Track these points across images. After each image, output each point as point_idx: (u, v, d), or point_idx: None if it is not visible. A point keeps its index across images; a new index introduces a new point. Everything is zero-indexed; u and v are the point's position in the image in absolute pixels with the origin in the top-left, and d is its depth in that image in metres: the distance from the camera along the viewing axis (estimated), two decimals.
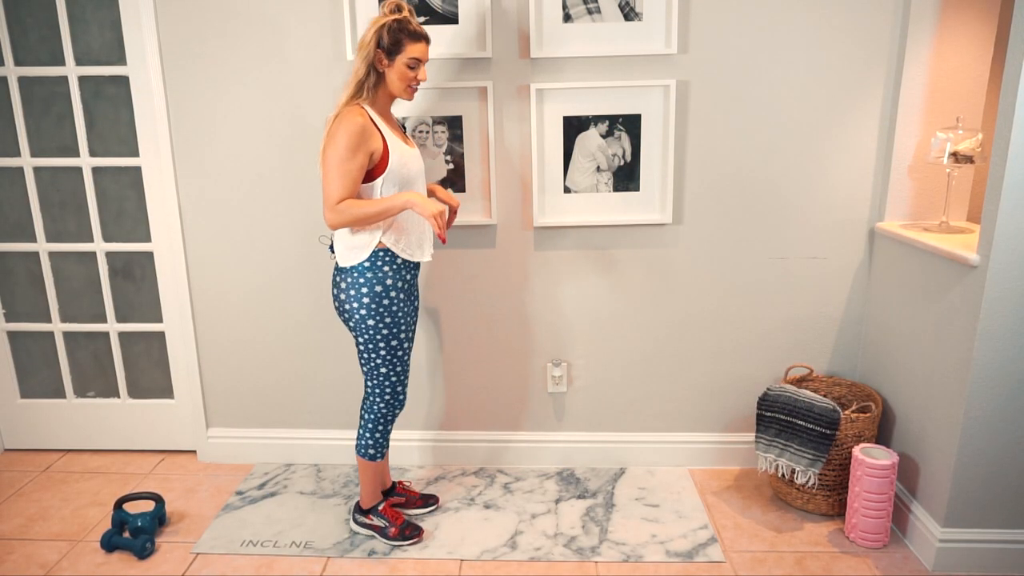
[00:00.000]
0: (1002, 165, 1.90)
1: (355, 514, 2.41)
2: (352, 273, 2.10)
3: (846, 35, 2.40)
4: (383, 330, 2.14)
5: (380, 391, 2.24)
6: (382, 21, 2.00)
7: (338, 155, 1.96)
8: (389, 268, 2.11)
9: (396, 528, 2.34)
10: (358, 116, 1.98)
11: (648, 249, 2.61)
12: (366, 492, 2.36)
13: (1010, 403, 2.04)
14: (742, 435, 2.76)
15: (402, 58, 2.02)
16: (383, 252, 2.10)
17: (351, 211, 1.99)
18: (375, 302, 2.11)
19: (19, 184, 2.76)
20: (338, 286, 2.15)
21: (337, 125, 1.98)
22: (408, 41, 2.01)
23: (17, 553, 2.35)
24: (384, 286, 2.11)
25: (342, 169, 1.97)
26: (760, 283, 2.62)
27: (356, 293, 2.11)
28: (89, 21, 2.59)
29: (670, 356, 2.71)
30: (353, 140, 1.96)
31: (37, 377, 2.96)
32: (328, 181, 1.98)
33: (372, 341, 2.15)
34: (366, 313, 2.12)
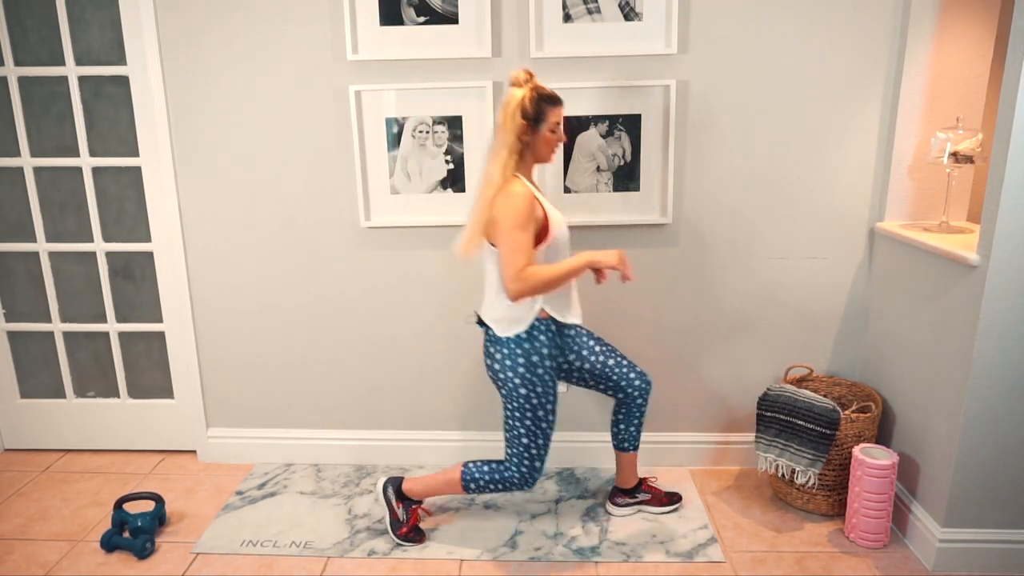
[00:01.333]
0: (1002, 165, 1.90)
1: (388, 486, 2.36)
2: (509, 344, 2.14)
3: (846, 35, 2.40)
4: (533, 399, 2.16)
5: (518, 461, 2.23)
6: (520, 93, 2.04)
7: (514, 230, 1.99)
8: (545, 337, 2.15)
9: (407, 527, 2.33)
10: (524, 190, 2.02)
11: (648, 249, 2.61)
12: (424, 490, 2.33)
13: (1010, 403, 2.04)
14: (742, 435, 2.76)
15: (546, 125, 2.07)
16: (539, 321, 2.13)
17: (536, 278, 2.00)
18: (530, 371, 2.14)
19: (19, 184, 2.76)
20: (492, 356, 2.18)
21: (507, 202, 2.00)
22: (549, 108, 2.06)
23: (17, 553, 2.35)
24: (540, 355, 2.15)
25: (519, 242, 2.00)
26: (760, 283, 2.63)
27: (512, 364, 2.14)
28: (89, 21, 2.59)
29: (670, 356, 2.71)
30: (524, 215, 2.00)
31: (37, 377, 2.96)
32: (509, 254, 2.00)
33: (520, 410, 2.18)
34: (519, 382, 2.15)
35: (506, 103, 2.05)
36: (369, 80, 2.50)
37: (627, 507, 2.48)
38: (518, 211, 1.99)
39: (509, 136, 2.04)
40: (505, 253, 2.00)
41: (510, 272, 1.99)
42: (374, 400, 2.82)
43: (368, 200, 2.60)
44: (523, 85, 2.06)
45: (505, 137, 2.04)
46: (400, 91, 2.50)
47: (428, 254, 2.65)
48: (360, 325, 2.74)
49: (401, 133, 2.54)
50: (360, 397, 2.82)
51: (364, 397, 2.82)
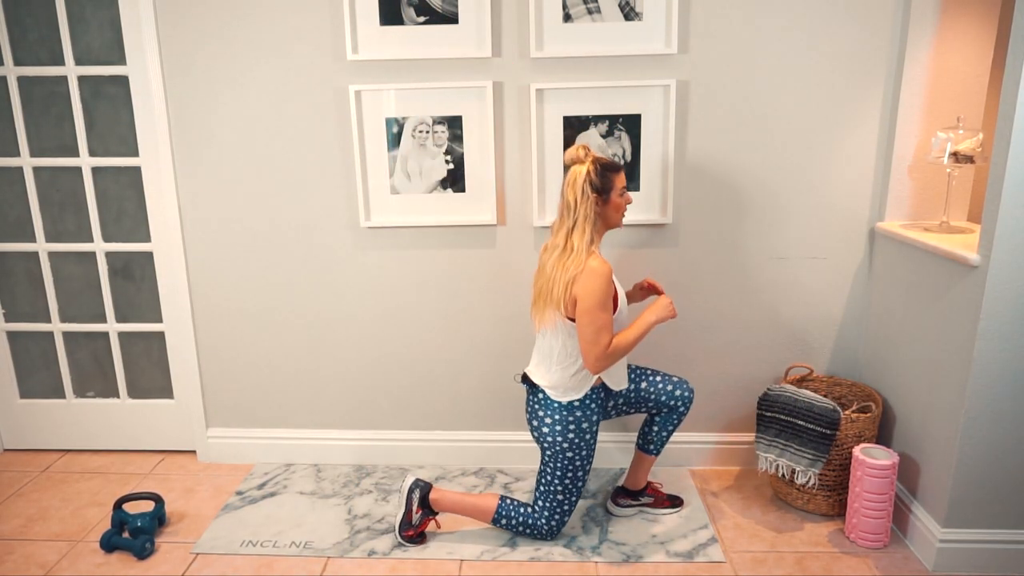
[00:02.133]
0: (1002, 165, 1.90)
1: (416, 488, 2.33)
2: (561, 410, 2.19)
3: (847, 35, 2.40)
4: (576, 461, 2.22)
5: (549, 515, 2.29)
6: (584, 168, 2.09)
7: (598, 310, 2.06)
8: (596, 404, 2.22)
9: (415, 532, 2.33)
10: (606, 269, 2.07)
11: (648, 249, 2.61)
12: (451, 505, 2.34)
13: (1010, 403, 2.04)
14: (742, 435, 2.76)
15: (614, 193, 2.13)
16: (592, 389, 2.20)
17: (618, 352, 2.11)
18: (579, 437, 2.20)
19: (19, 184, 2.76)
20: (540, 419, 2.22)
21: (591, 282, 2.05)
22: (613, 175, 2.12)
23: (17, 553, 2.35)
24: (590, 421, 2.21)
25: (604, 321, 2.07)
26: (760, 283, 2.62)
27: (563, 429, 2.19)
28: (89, 21, 2.59)
29: (670, 356, 2.71)
30: (607, 295, 2.07)
31: (37, 377, 2.96)
32: (595, 334, 2.07)
33: (562, 470, 2.23)
34: (568, 447, 2.20)
35: (572, 181, 2.10)
36: (369, 80, 2.50)
37: (629, 507, 2.48)
38: (602, 292, 2.05)
39: (582, 210, 2.09)
40: (591, 333, 2.07)
41: (597, 350, 2.08)
42: (374, 400, 2.82)
43: (368, 200, 2.60)
44: (584, 160, 2.11)
45: (579, 214, 2.09)
46: (400, 91, 2.50)
47: (428, 254, 2.65)
48: (360, 325, 2.74)
49: (401, 133, 2.54)
50: (360, 397, 2.82)
51: (364, 397, 2.82)
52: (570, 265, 2.08)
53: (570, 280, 2.08)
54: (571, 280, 2.07)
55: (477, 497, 2.35)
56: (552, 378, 2.20)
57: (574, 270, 2.07)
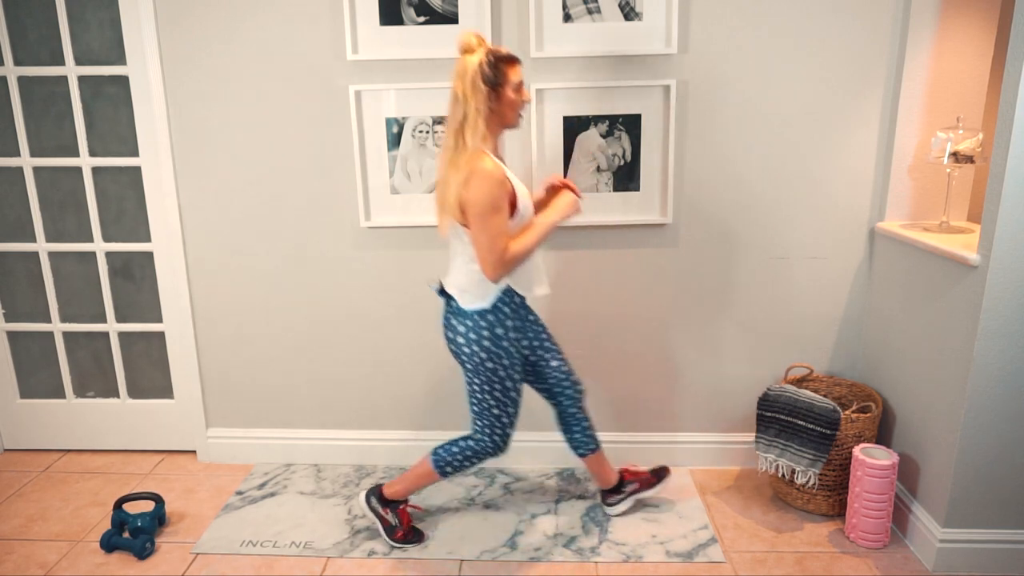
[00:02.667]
0: (1002, 165, 1.90)
1: (371, 496, 2.35)
2: (472, 316, 2.09)
3: (846, 35, 2.40)
4: (500, 372, 2.13)
5: (491, 431, 2.21)
6: (475, 58, 1.93)
7: (490, 212, 1.93)
8: (509, 308, 2.12)
9: (403, 531, 2.33)
10: (495, 169, 1.94)
11: (648, 249, 2.61)
12: (404, 488, 2.32)
13: (1010, 403, 2.04)
14: (742, 435, 2.76)
15: (508, 87, 1.98)
16: (504, 293, 2.10)
17: (516, 257, 1.99)
18: (495, 344, 2.10)
19: (19, 184, 2.76)
20: (454, 329, 2.13)
21: (479, 181, 1.92)
22: (508, 67, 1.97)
23: (17, 553, 2.35)
24: (505, 328, 2.11)
25: (497, 225, 1.95)
26: (760, 283, 2.62)
27: (477, 337, 2.09)
28: (89, 21, 2.59)
29: (670, 356, 2.71)
30: (499, 197, 1.94)
31: (37, 377, 2.96)
32: (489, 240, 1.95)
33: (488, 383, 2.15)
34: (485, 356, 2.11)
35: (461, 72, 1.94)
36: (369, 80, 2.50)
37: (621, 503, 2.48)
38: (492, 195, 1.92)
39: (481, 105, 1.93)
40: (485, 240, 1.95)
41: (492, 257, 1.95)
42: (374, 400, 2.82)
43: (368, 200, 2.60)
44: (475, 50, 1.95)
45: (469, 108, 1.93)
46: (400, 91, 2.50)
47: (428, 254, 2.65)
48: (360, 325, 2.74)
49: (401, 133, 2.54)
50: (360, 397, 2.82)
51: (364, 397, 2.82)
52: (461, 165, 1.94)
53: (461, 182, 1.93)
54: (462, 182, 1.93)
55: (416, 467, 2.32)
56: (460, 285, 2.09)
57: (465, 171, 1.93)
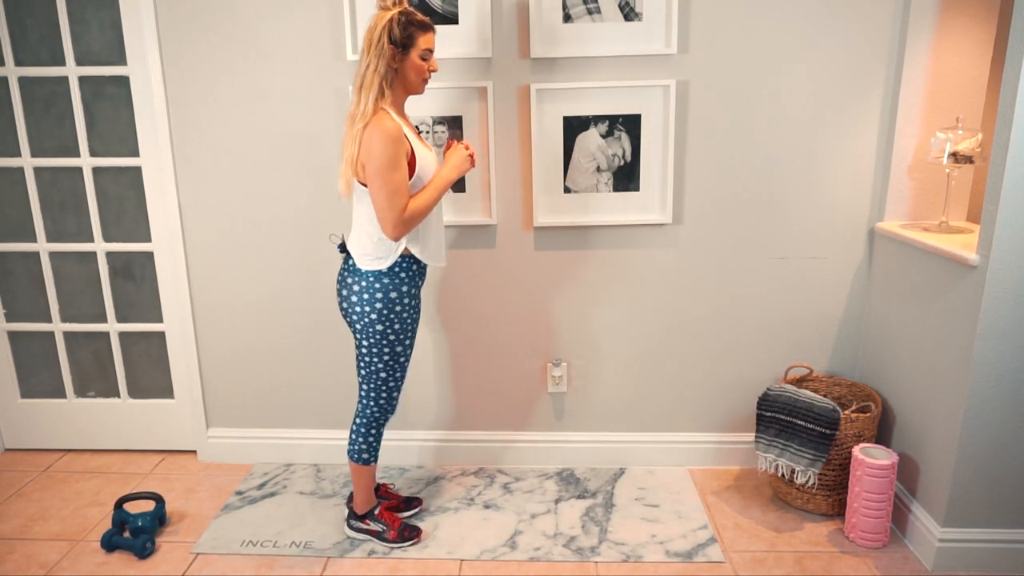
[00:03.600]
0: (1002, 165, 1.90)
1: (350, 520, 2.39)
2: (368, 277, 2.07)
3: (846, 35, 2.40)
4: (390, 335, 2.12)
5: (376, 395, 2.22)
6: (387, 16, 1.93)
7: (387, 171, 1.92)
8: (406, 275, 2.10)
9: (395, 531, 2.33)
10: (392, 125, 1.93)
11: (648, 249, 2.61)
12: (361, 497, 2.34)
13: (1010, 403, 2.04)
14: (742, 435, 2.76)
15: (415, 51, 1.97)
16: (403, 258, 2.08)
17: (416, 214, 1.99)
18: (388, 308, 2.09)
19: (19, 184, 2.77)
20: (348, 287, 2.10)
21: (375, 137, 1.91)
22: (418, 32, 1.96)
23: (17, 553, 2.35)
24: (399, 292, 2.09)
25: (395, 183, 1.93)
26: (760, 283, 2.63)
27: (370, 298, 2.07)
28: (89, 21, 2.59)
29: (670, 356, 2.71)
30: (394, 149, 1.92)
31: (37, 377, 2.96)
32: (387, 199, 1.94)
33: (377, 346, 2.13)
34: (376, 318, 2.09)
35: (372, 27, 1.93)
36: None
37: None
38: (387, 152, 1.90)
39: (379, 63, 1.92)
40: (383, 198, 1.93)
41: (392, 215, 1.95)
42: None
43: None
44: (391, 8, 1.94)
45: (370, 64, 1.93)
46: None
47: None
48: None
49: None
50: None
51: None
52: (358, 122, 1.93)
53: (356, 139, 1.93)
54: (357, 139, 1.93)
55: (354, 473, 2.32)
56: (360, 245, 2.07)
57: (360, 128, 1.92)
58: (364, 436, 2.26)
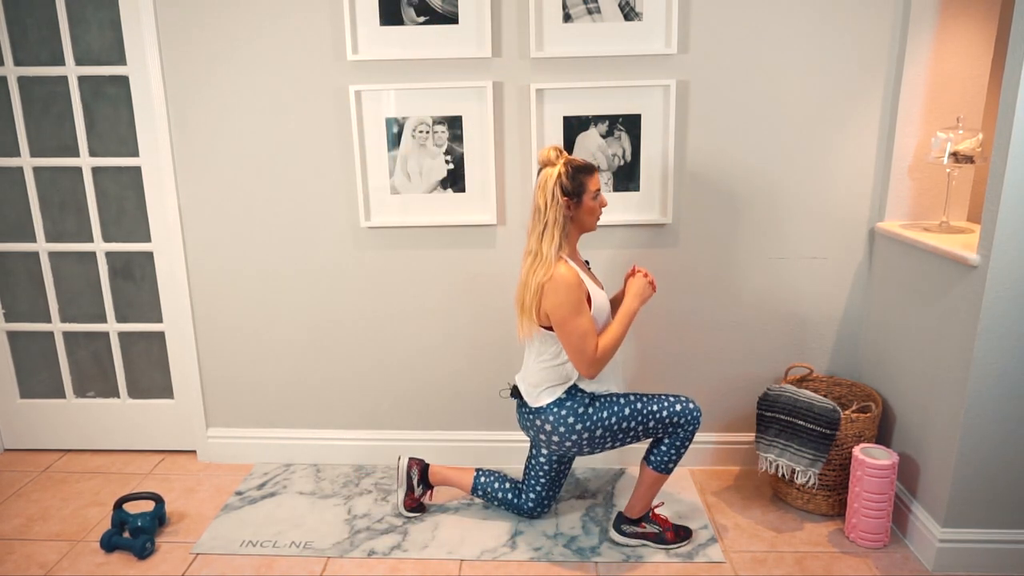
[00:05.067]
0: (1002, 165, 1.90)
1: (620, 526, 2.33)
2: (553, 410, 2.16)
3: (846, 35, 2.40)
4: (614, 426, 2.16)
5: (674, 427, 2.18)
6: (555, 171, 2.05)
7: (574, 315, 2.02)
8: (581, 394, 2.17)
9: (672, 532, 2.31)
10: (571, 273, 2.04)
11: (648, 249, 2.61)
12: (642, 504, 2.30)
13: (1010, 403, 2.04)
14: (742, 435, 2.76)
15: (587, 196, 2.08)
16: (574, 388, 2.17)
17: (607, 351, 2.07)
18: (584, 420, 2.15)
19: (19, 184, 2.76)
20: (543, 431, 2.18)
21: (560, 288, 2.02)
22: (586, 177, 2.07)
23: (17, 553, 2.35)
24: (584, 406, 2.16)
25: (583, 326, 2.03)
26: (760, 283, 2.63)
27: (567, 430, 2.15)
28: (89, 21, 2.59)
29: (670, 356, 2.71)
30: (577, 297, 2.03)
31: (37, 377, 2.96)
32: (578, 339, 2.03)
33: (621, 432, 2.17)
34: (588, 434, 2.15)
35: (543, 184, 2.06)
36: (369, 80, 2.50)
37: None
38: (572, 299, 2.02)
39: (552, 216, 2.05)
40: (575, 342, 2.04)
41: (586, 357, 2.05)
42: (374, 400, 2.82)
43: (368, 200, 2.60)
44: (555, 162, 2.07)
45: (549, 219, 2.05)
46: (400, 91, 2.50)
47: (428, 254, 2.65)
48: (360, 325, 2.74)
49: (401, 133, 2.54)
50: (360, 397, 2.82)
51: (364, 397, 2.82)
52: (539, 271, 2.05)
53: (538, 288, 2.05)
54: (539, 288, 2.05)
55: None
56: (532, 382, 2.19)
57: (542, 277, 2.04)
58: (675, 450, 2.22)
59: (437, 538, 2.38)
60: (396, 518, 2.49)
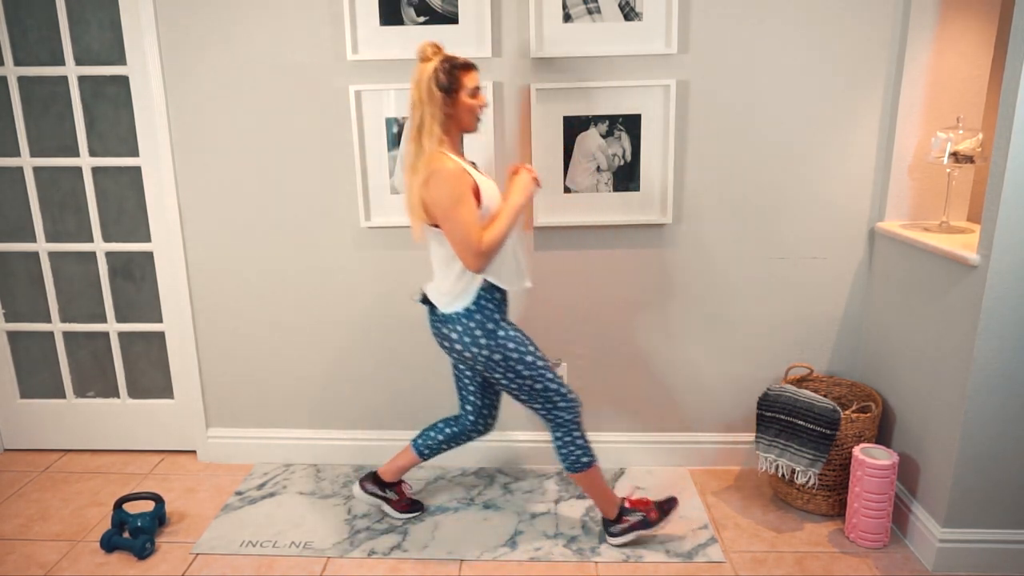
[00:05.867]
0: (1002, 165, 1.90)
1: (609, 529, 2.32)
2: (460, 320, 2.10)
3: (846, 35, 2.40)
4: (513, 355, 2.11)
5: (552, 404, 2.18)
6: (430, 65, 1.99)
7: (455, 208, 1.97)
8: (492, 304, 2.11)
9: (656, 511, 2.30)
10: (451, 165, 1.98)
11: (648, 249, 2.61)
12: (605, 501, 2.29)
13: (1010, 403, 2.04)
14: (742, 435, 2.76)
15: (464, 92, 2.03)
16: (484, 290, 2.10)
17: (494, 242, 2.00)
18: (493, 339, 2.09)
19: (19, 184, 2.76)
20: (447, 337, 2.13)
21: (440, 180, 1.97)
22: (463, 73, 2.02)
23: (17, 553, 2.35)
24: (494, 321, 2.11)
25: (465, 216, 1.97)
26: (760, 283, 2.62)
27: (472, 340, 2.09)
28: (89, 21, 2.59)
29: (670, 356, 2.71)
30: (459, 189, 1.97)
31: (37, 377, 2.96)
32: (462, 232, 1.97)
33: (512, 371, 2.13)
34: (490, 353, 2.10)
35: (418, 80, 2.00)
36: (369, 80, 2.50)
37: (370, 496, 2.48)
38: (454, 191, 1.96)
39: (436, 111, 1.99)
40: (459, 235, 1.97)
41: (471, 249, 1.98)
42: (374, 400, 2.82)
43: (368, 200, 2.60)
44: (432, 58, 2.00)
45: (425, 114, 1.99)
46: (400, 91, 2.50)
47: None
48: (360, 325, 2.74)
49: (401, 133, 2.54)
50: (360, 397, 2.82)
51: (364, 397, 2.82)
52: (420, 168, 2.00)
53: (421, 184, 1.99)
54: (422, 184, 1.99)
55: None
56: (440, 289, 2.12)
57: (424, 173, 1.98)
58: (572, 442, 2.21)
59: (437, 538, 2.38)
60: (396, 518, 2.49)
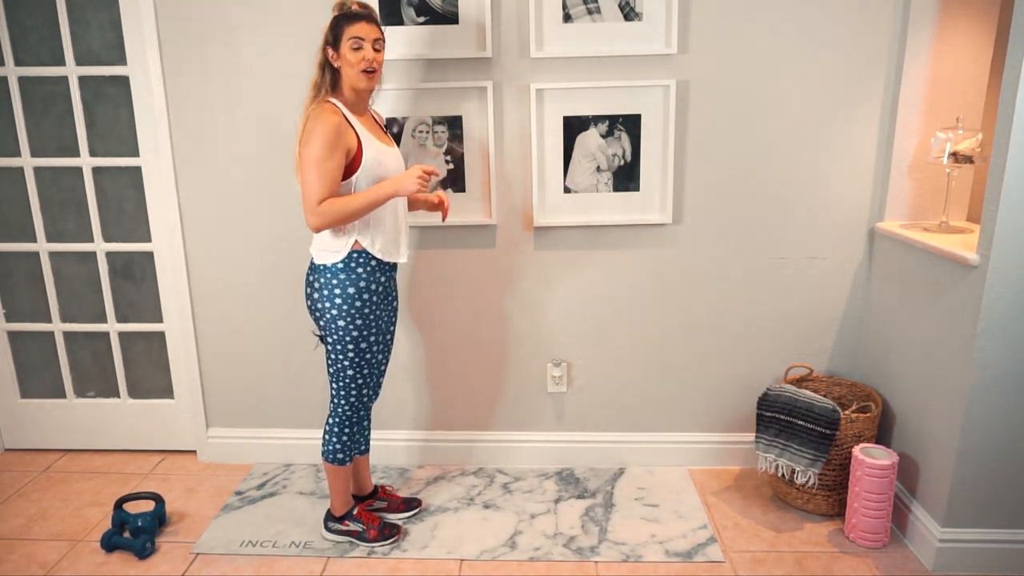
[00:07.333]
0: (1002, 165, 1.90)
1: (327, 523, 2.37)
2: (326, 273, 2.08)
3: (846, 35, 2.40)
4: (353, 332, 2.11)
5: (345, 393, 2.20)
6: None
7: (315, 155, 1.92)
8: (363, 270, 2.09)
9: (375, 530, 2.32)
10: (331, 114, 1.94)
11: (648, 249, 2.61)
12: (338, 499, 2.32)
13: (1010, 403, 2.04)
14: (742, 435, 2.76)
15: (344, 44, 1.96)
16: (358, 253, 2.07)
17: (334, 210, 1.94)
18: (347, 303, 2.08)
19: (19, 184, 2.76)
20: (311, 284, 2.13)
21: (311, 125, 1.93)
22: (345, 24, 1.96)
23: (17, 553, 2.35)
24: (357, 288, 2.08)
25: (321, 170, 1.92)
26: (760, 283, 2.62)
27: (329, 294, 2.08)
28: (89, 21, 2.59)
29: (670, 356, 2.71)
30: (329, 138, 1.91)
31: (37, 377, 2.96)
32: (307, 183, 1.93)
33: (341, 342, 2.12)
34: (337, 314, 2.09)
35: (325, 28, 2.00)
36: None
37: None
38: (323, 135, 1.90)
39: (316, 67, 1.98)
40: (303, 186, 1.93)
41: (307, 204, 1.94)
42: None
43: None
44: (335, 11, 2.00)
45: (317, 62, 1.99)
46: (400, 91, 2.50)
47: (427, 254, 2.65)
48: None
49: (401, 133, 2.54)
50: None
51: None
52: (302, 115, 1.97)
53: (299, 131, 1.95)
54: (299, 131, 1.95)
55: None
56: (323, 237, 2.07)
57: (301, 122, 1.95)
58: (338, 436, 2.24)
59: (437, 538, 2.38)
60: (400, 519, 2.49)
